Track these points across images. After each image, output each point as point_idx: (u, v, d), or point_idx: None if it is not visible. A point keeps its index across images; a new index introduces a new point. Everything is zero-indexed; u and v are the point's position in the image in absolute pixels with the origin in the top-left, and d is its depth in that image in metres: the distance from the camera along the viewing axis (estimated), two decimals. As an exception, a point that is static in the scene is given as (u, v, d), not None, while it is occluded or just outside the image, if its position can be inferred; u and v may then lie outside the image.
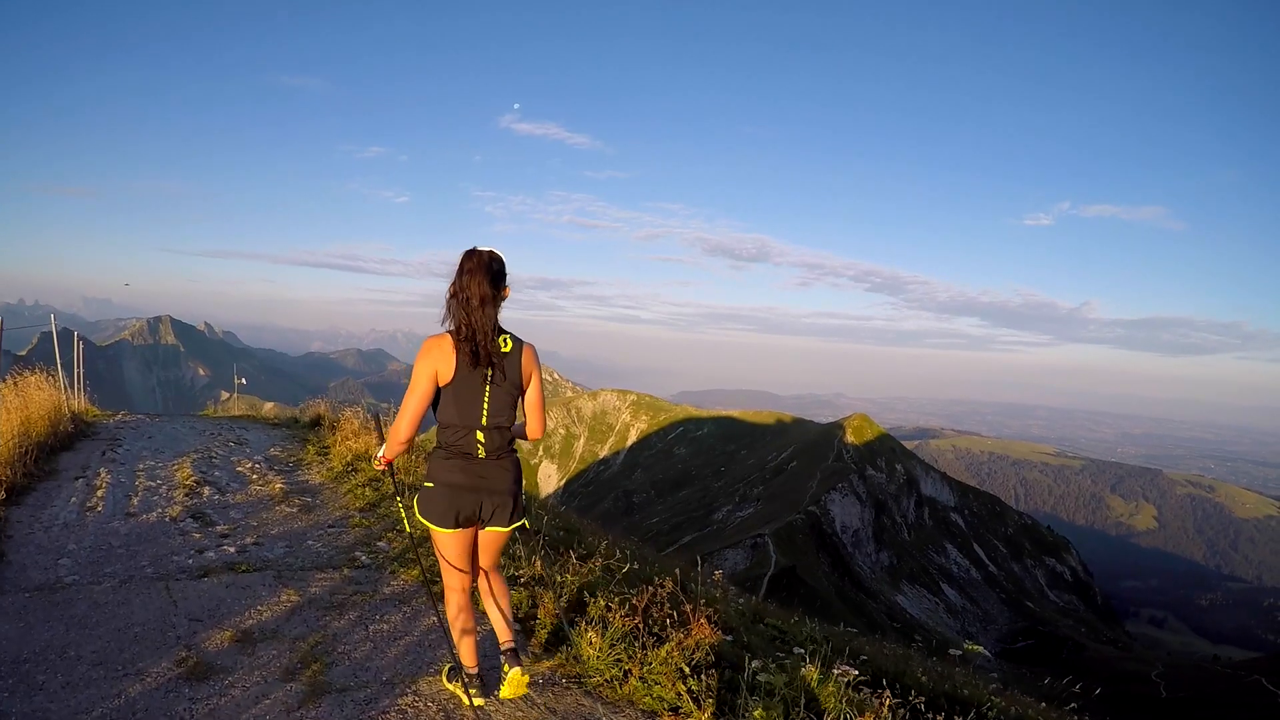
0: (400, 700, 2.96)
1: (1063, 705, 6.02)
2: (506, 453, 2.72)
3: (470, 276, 2.56)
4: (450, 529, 2.70)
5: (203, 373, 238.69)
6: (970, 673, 6.69)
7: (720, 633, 4.13)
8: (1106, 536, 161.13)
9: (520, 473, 2.82)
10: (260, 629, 3.51)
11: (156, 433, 9.55)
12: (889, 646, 8.32)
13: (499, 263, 2.61)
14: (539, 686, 3.22)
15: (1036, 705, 6.52)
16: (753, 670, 3.28)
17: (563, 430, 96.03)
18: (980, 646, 5.39)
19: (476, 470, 2.66)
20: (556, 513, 8.31)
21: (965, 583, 65.25)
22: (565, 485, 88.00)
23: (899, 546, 63.28)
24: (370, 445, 7.92)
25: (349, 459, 7.68)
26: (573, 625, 3.63)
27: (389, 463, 2.89)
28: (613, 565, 4.36)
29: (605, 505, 74.81)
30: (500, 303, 2.63)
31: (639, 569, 4.97)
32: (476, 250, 2.61)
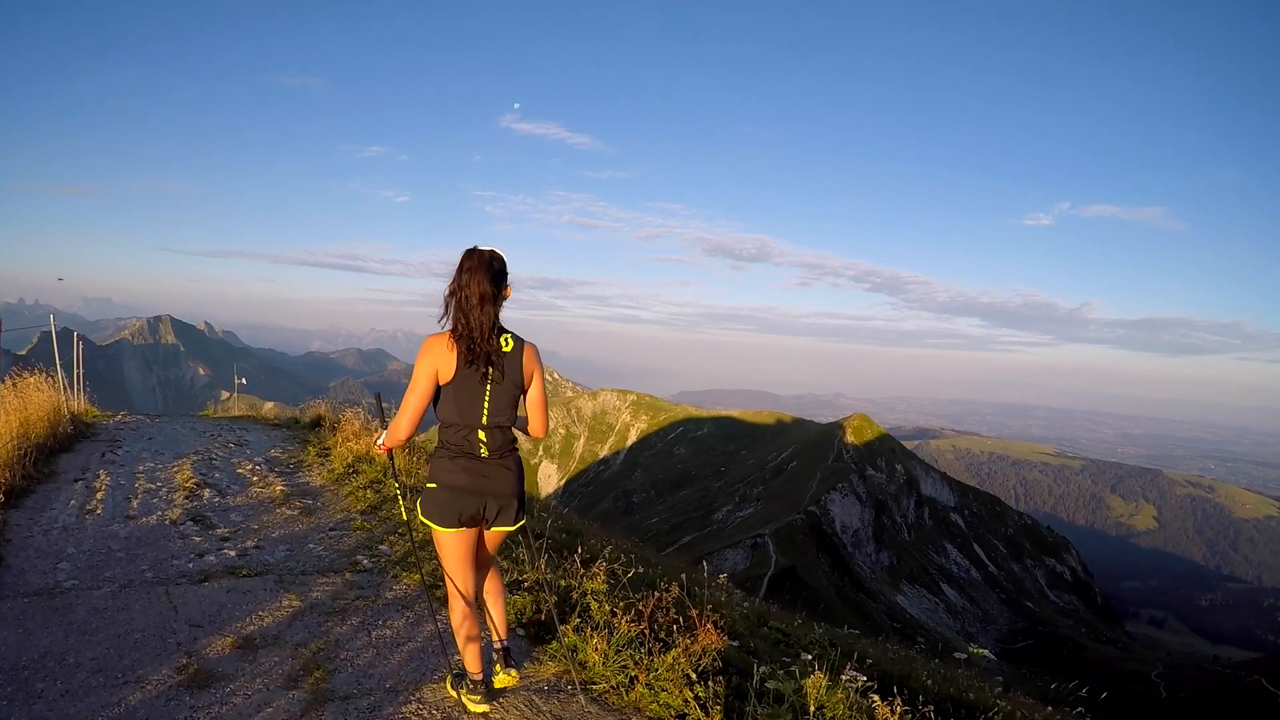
0: (404, 708, 2.92)
1: (1069, 708, 5.98)
2: (509, 451, 2.72)
3: (470, 275, 2.54)
4: (454, 529, 2.69)
5: (203, 372, 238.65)
6: (975, 676, 6.66)
7: (726, 638, 4.10)
8: (1106, 536, 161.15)
9: (522, 472, 2.82)
10: (262, 635, 3.46)
11: (156, 434, 9.51)
12: (893, 649, 8.29)
13: (500, 262, 2.59)
14: (544, 693, 3.18)
15: (1042, 709, 6.48)
16: (761, 677, 3.24)
17: (563, 430, 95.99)
18: (985, 650, 5.36)
19: (480, 470, 2.65)
20: (559, 514, 8.27)
21: (965, 583, 65.24)
22: (565, 485, 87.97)
23: (899, 546, 63.26)
24: (371, 447, 7.88)
25: (350, 461, 7.62)
26: (563, 620, 3.60)
27: (389, 450, 2.90)
28: (617, 569, 4.32)
29: (605, 505, 74.78)
30: (502, 302, 2.61)
31: (643, 573, 4.93)
32: (477, 249, 2.60)
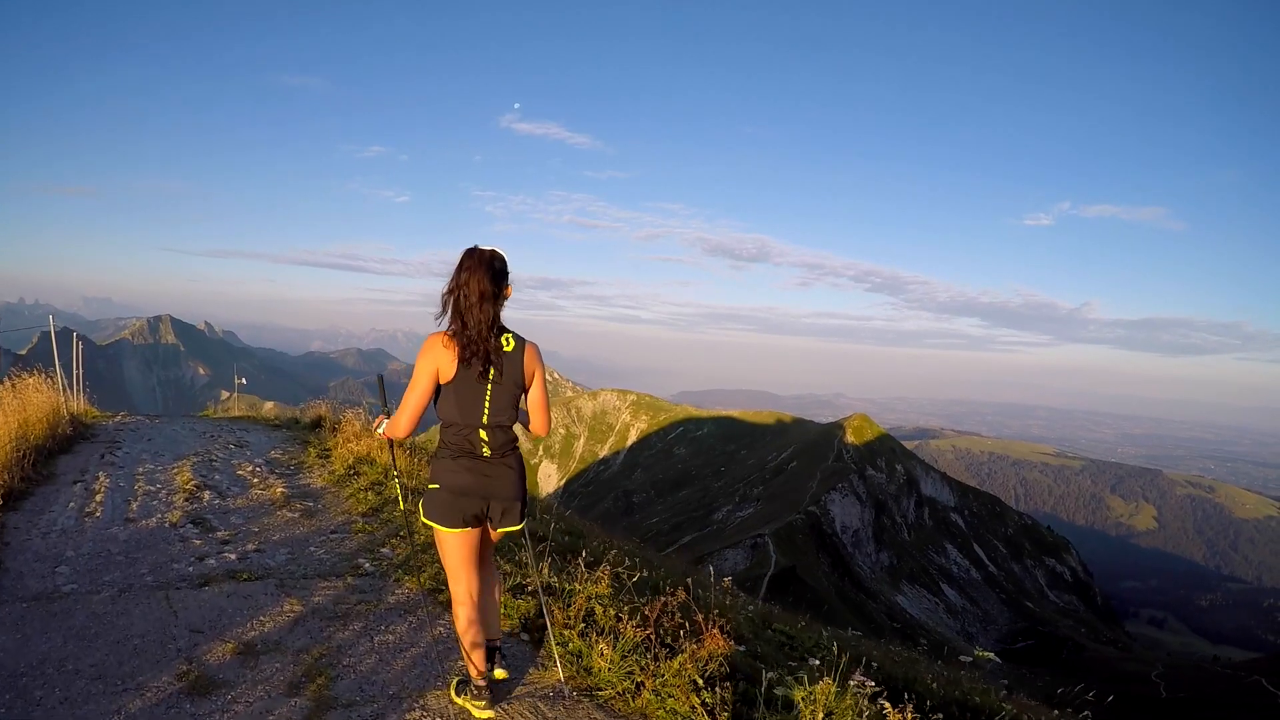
0: (408, 715, 2.88)
1: (1075, 711, 5.94)
2: (510, 450, 2.72)
3: (470, 274, 2.54)
4: (457, 529, 2.69)
5: (203, 372, 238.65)
6: (980, 679, 6.62)
7: (732, 643, 4.06)
8: (1106, 537, 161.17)
9: (524, 471, 2.83)
10: (263, 640, 3.41)
11: (156, 435, 9.46)
12: (896, 650, 8.25)
13: (501, 261, 2.58)
14: (549, 699, 3.14)
15: (1048, 712, 6.43)
16: (769, 683, 3.20)
17: (563, 430, 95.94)
18: (990, 653, 5.32)
19: (482, 469, 2.66)
20: (560, 516, 8.22)
21: (965, 583, 65.20)
22: (565, 485, 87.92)
23: (899, 547, 63.23)
24: (372, 448, 7.83)
25: (351, 462, 7.57)
26: (568, 626, 3.57)
27: (389, 439, 2.92)
28: (622, 572, 4.27)
29: (605, 505, 74.74)
30: (503, 302, 2.61)
31: (648, 576, 4.89)
32: (477, 248, 2.59)
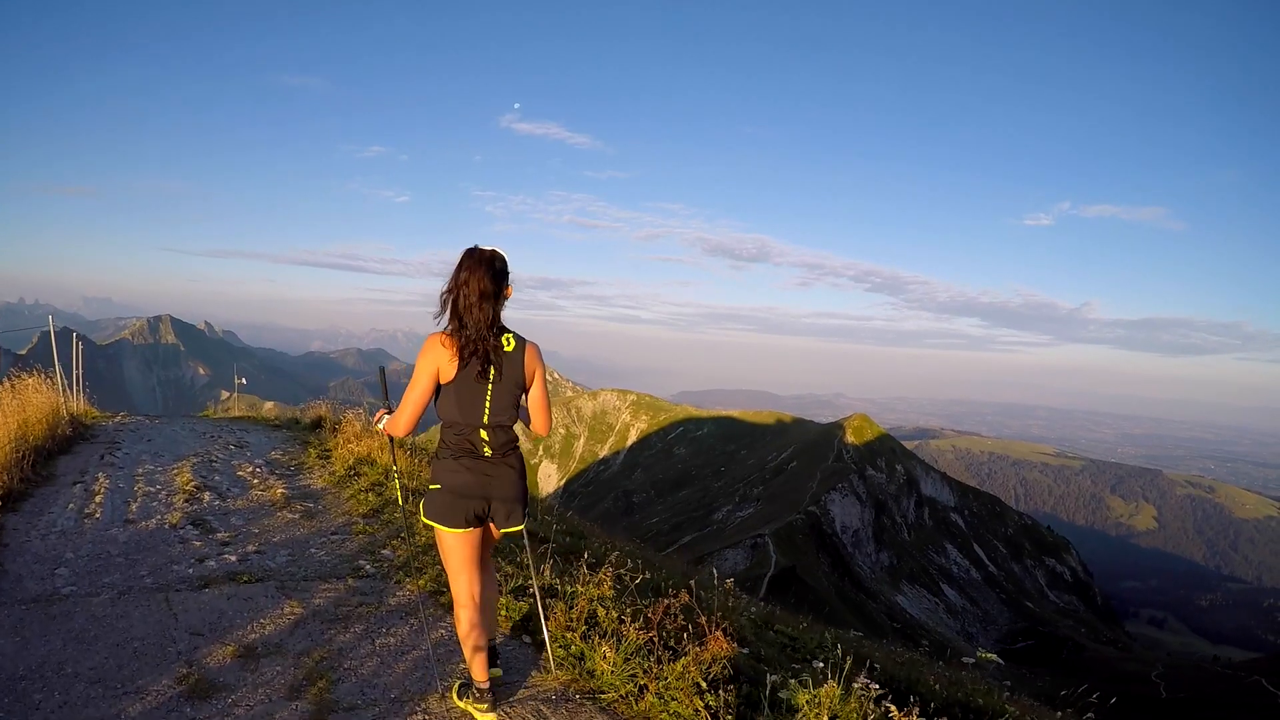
0: (410, 719, 2.86)
1: (1079, 713, 5.92)
2: (511, 450, 2.72)
3: (470, 273, 2.53)
4: (460, 529, 2.68)
5: (203, 372, 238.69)
6: (983, 680, 6.59)
7: (736, 645, 4.03)
8: (1106, 537, 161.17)
9: (525, 471, 2.84)
10: (263, 643, 3.39)
11: (156, 435, 9.44)
12: (897, 651, 8.23)
13: (501, 261, 2.58)
14: (552, 702, 3.12)
15: (1052, 715, 6.41)
16: (773, 686, 3.17)
17: (563, 430, 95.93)
18: (993, 655, 5.29)
19: (483, 469, 2.66)
20: (562, 517, 8.20)
21: (965, 583, 65.19)
22: (565, 485, 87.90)
23: (899, 547, 63.21)
24: (373, 449, 7.81)
25: (351, 463, 7.55)
26: (570, 629, 3.55)
27: (389, 435, 2.93)
28: (624, 574, 4.25)
29: (605, 505, 74.73)
30: (503, 302, 2.60)
31: (650, 578, 4.86)
32: (478, 248, 2.59)
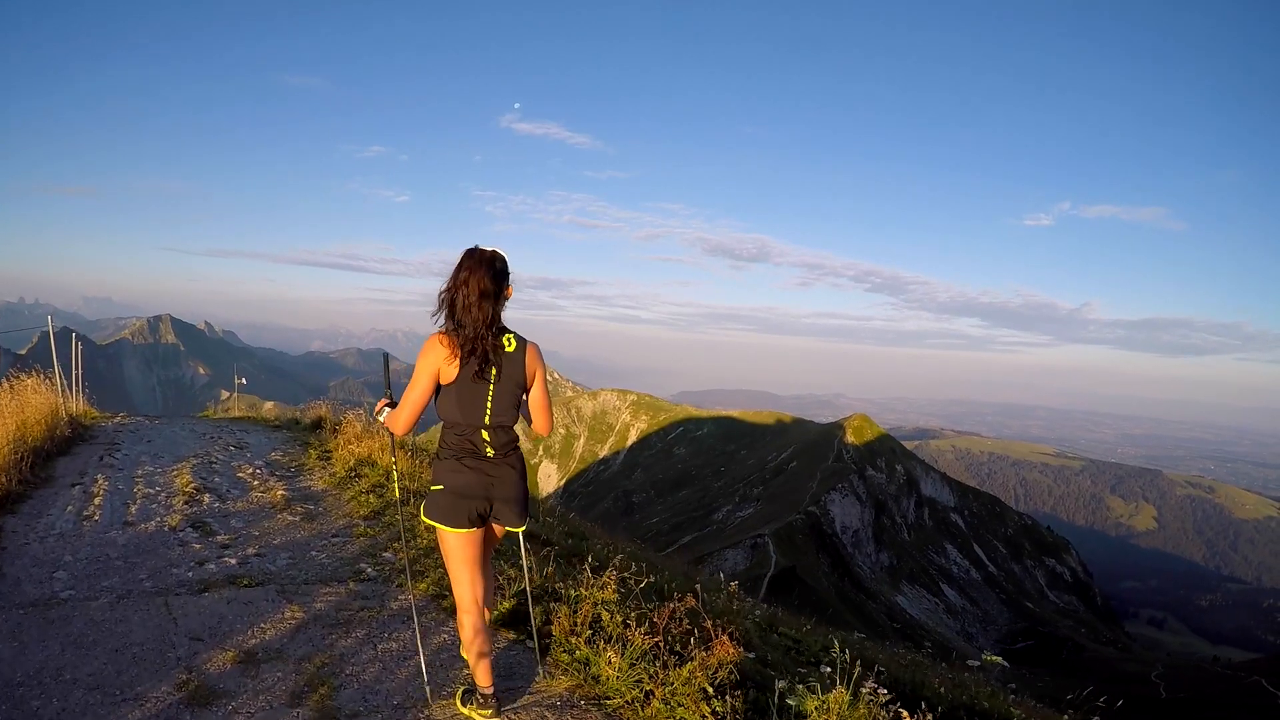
0: (413, 726, 2.82)
1: (1085, 715, 5.88)
2: (512, 450, 2.71)
3: (470, 273, 2.52)
4: (462, 529, 2.66)
5: (203, 372, 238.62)
6: (988, 683, 6.56)
7: (742, 649, 3.99)
8: (1106, 537, 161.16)
9: (525, 471, 2.83)
10: (264, 649, 3.34)
11: (156, 436, 9.39)
12: (901, 654, 8.19)
13: (502, 261, 2.57)
14: (556, 708, 3.08)
15: (1057, 717, 6.38)
16: (781, 692, 3.13)
17: (563, 430, 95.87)
18: (999, 658, 5.26)
19: (485, 470, 2.65)
20: (565, 518, 8.16)
21: (965, 583, 65.15)
22: (565, 485, 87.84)
23: (899, 547, 63.17)
24: (373, 450, 7.77)
25: (352, 464, 7.50)
26: (574, 633, 3.51)
27: (390, 434, 2.94)
28: (628, 578, 4.20)
29: (605, 505, 74.68)
30: (504, 302, 2.60)
31: (654, 581, 4.82)
32: (478, 248, 2.58)
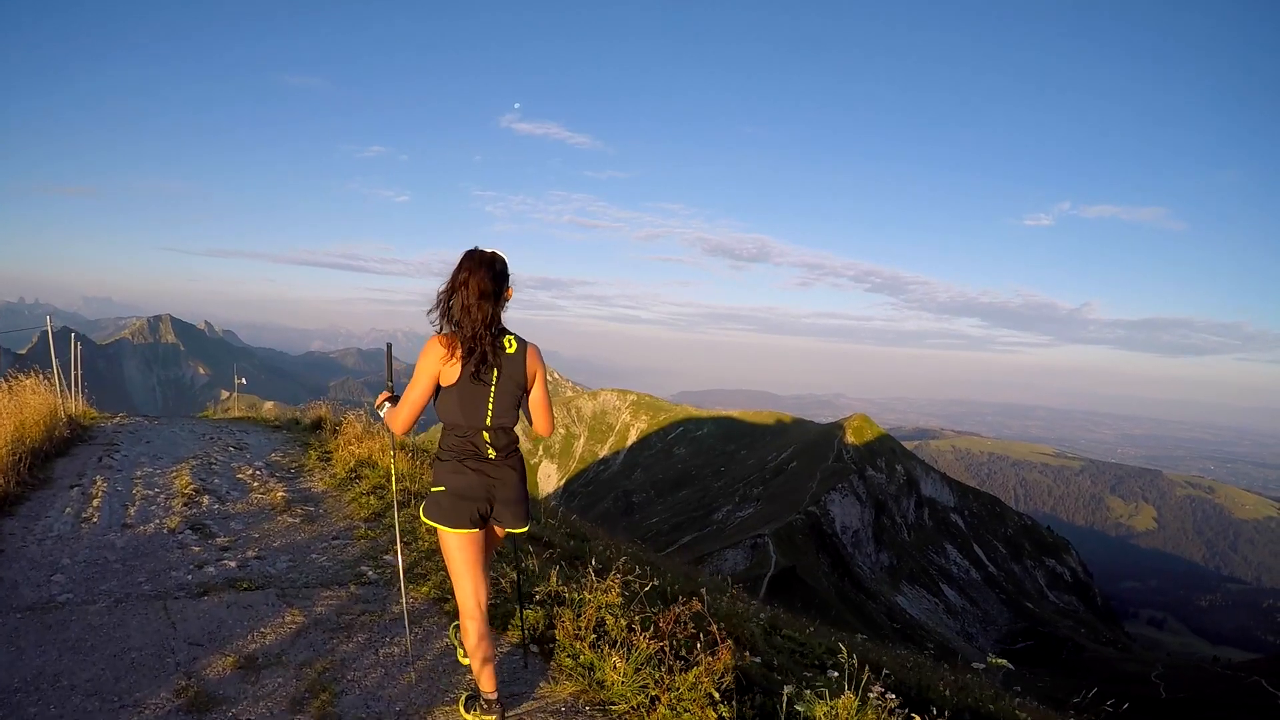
0: (416, 733, 2.77)
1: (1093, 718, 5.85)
2: (513, 451, 2.70)
3: (470, 274, 2.51)
4: (464, 530, 2.64)
5: (203, 372, 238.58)
6: (993, 685, 6.52)
7: (749, 654, 3.95)
8: (1106, 537, 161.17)
9: (525, 473, 2.82)
10: (264, 654, 3.30)
11: (155, 437, 9.34)
12: (905, 655, 8.15)
13: (502, 263, 2.56)
14: (561, 714, 3.04)
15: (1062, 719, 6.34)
16: (789, 698, 3.09)
17: (563, 430, 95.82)
18: (1004, 661, 5.22)
19: (487, 472, 2.63)
20: (566, 519, 8.11)
21: (965, 583, 65.14)
22: (565, 485, 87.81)
23: (899, 547, 63.16)
24: (374, 451, 7.72)
25: (352, 465, 7.45)
26: (579, 637, 3.46)
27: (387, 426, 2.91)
28: (632, 581, 4.16)
29: (605, 505, 74.66)
30: (504, 304, 2.58)
31: (659, 584, 4.77)
32: (478, 249, 2.57)
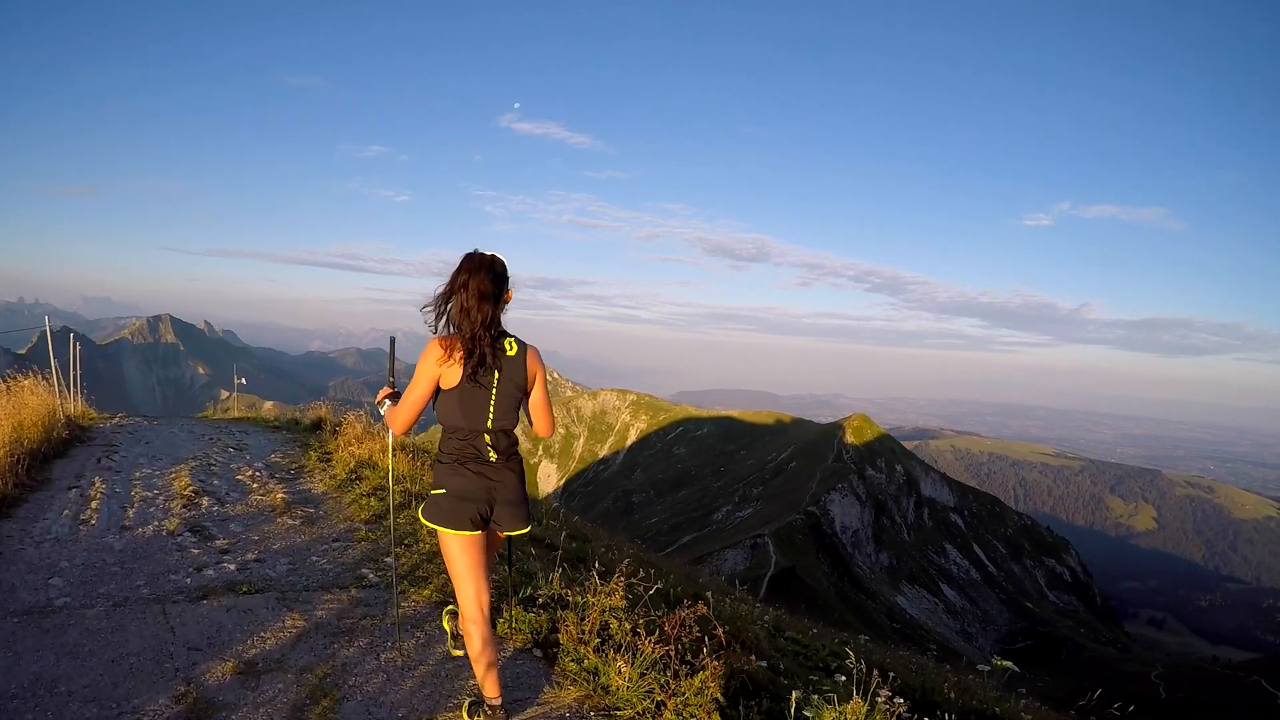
0: (418, 740, 2.73)
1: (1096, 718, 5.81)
2: (514, 454, 2.69)
3: (470, 275, 2.50)
4: (466, 532, 2.61)
5: (202, 371, 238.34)
6: (998, 687, 6.48)
7: (754, 658, 3.91)
8: (1106, 537, 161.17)
9: (524, 475, 2.80)
10: (264, 659, 3.25)
11: (154, 437, 9.29)
12: (908, 656, 8.11)
13: (501, 265, 2.55)
14: (565, 720, 2.99)
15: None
16: (797, 703, 3.04)
17: (562, 430, 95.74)
18: (1009, 662, 5.16)
19: (489, 474, 2.61)
20: (568, 520, 8.07)
21: (965, 583, 65.10)
22: (565, 485, 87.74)
23: (898, 547, 63.12)
24: (374, 452, 7.67)
25: (352, 466, 7.41)
26: (582, 641, 3.42)
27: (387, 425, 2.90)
28: (636, 584, 4.11)
29: (605, 505, 74.60)
30: (504, 306, 2.57)
31: (664, 587, 4.73)
32: (477, 252, 2.55)
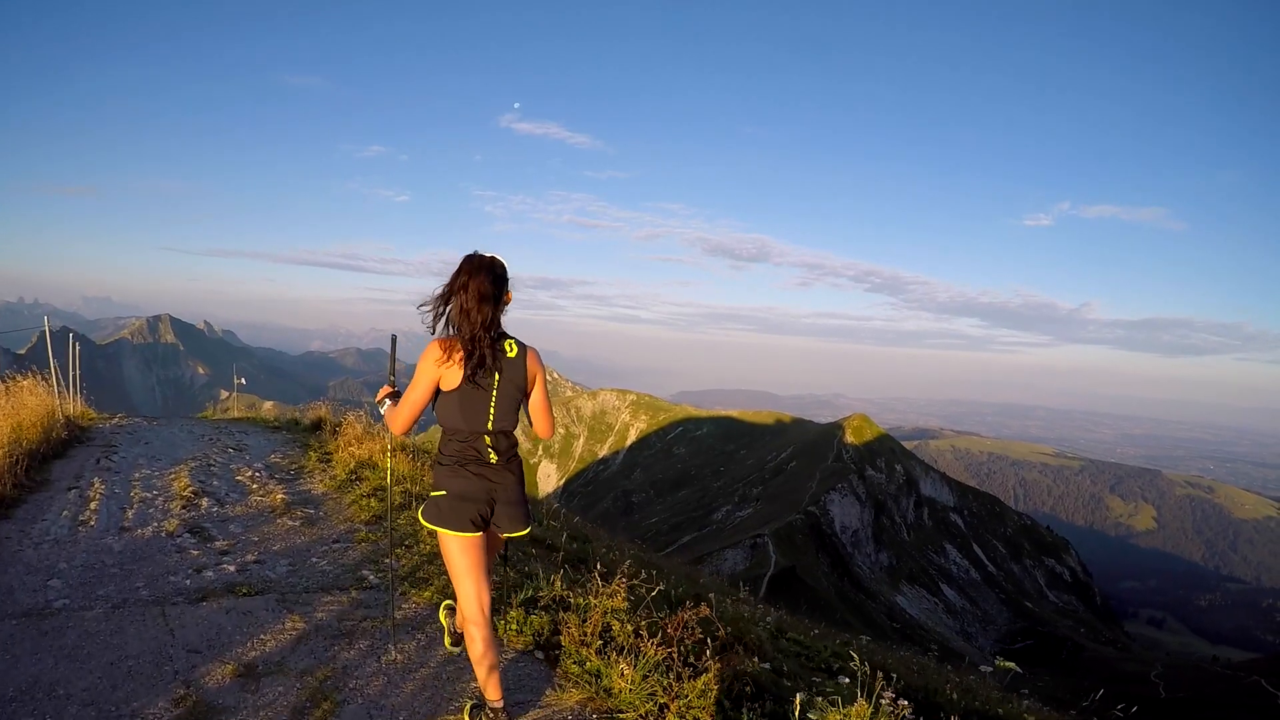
0: (420, 744, 2.71)
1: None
2: (514, 455, 2.69)
3: (470, 277, 2.49)
4: (466, 533, 2.60)
5: (202, 371, 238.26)
6: (999, 689, 6.46)
7: (757, 660, 3.88)
8: (1106, 537, 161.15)
9: (524, 476, 2.80)
10: (264, 661, 3.23)
11: (153, 438, 9.26)
12: (909, 657, 8.09)
13: (501, 266, 2.55)
14: (567, 723, 2.97)
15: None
16: (801, 706, 3.02)
17: (562, 430, 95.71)
18: (1012, 663, 5.15)
19: (489, 475, 2.61)
20: (568, 521, 8.05)
21: (964, 583, 65.08)
22: (565, 485, 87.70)
23: (898, 547, 63.10)
24: (374, 452, 7.65)
25: (352, 466, 7.39)
26: (585, 643, 3.39)
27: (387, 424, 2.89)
28: (638, 585, 4.08)
29: (604, 505, 74.56)
30: (504, 307, 2.57)
31: (665, 588, 4.70)
32: (477, 254, 2.55)
